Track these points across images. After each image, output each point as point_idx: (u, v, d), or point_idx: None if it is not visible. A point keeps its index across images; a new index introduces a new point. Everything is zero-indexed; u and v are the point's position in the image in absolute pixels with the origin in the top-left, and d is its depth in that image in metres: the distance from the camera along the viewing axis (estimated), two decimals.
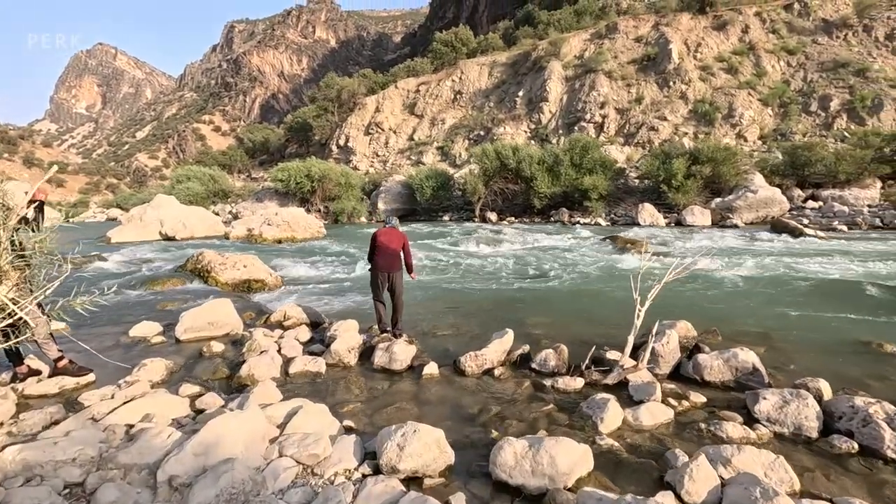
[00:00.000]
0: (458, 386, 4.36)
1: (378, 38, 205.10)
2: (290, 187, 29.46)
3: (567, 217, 26.20)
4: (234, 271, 9.94)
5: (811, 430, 3.32)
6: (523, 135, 39.00)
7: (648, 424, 3.48)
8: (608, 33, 42.62)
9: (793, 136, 30.76)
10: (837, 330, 5.98)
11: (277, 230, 19.98)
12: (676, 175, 24.34)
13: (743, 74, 35.68)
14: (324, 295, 8.95)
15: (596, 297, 8.12)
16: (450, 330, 6.25)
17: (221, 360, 4.97)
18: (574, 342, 5.53)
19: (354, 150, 45.90)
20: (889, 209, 21.01)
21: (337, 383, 4.44)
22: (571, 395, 4.10)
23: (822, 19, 38.16)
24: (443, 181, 30.37)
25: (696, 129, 33.63)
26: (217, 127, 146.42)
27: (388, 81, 52.69)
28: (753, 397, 3.64)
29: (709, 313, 6.70)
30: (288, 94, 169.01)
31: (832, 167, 24.10)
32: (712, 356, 4.35)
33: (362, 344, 5.34)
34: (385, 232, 5.86)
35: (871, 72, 32.23)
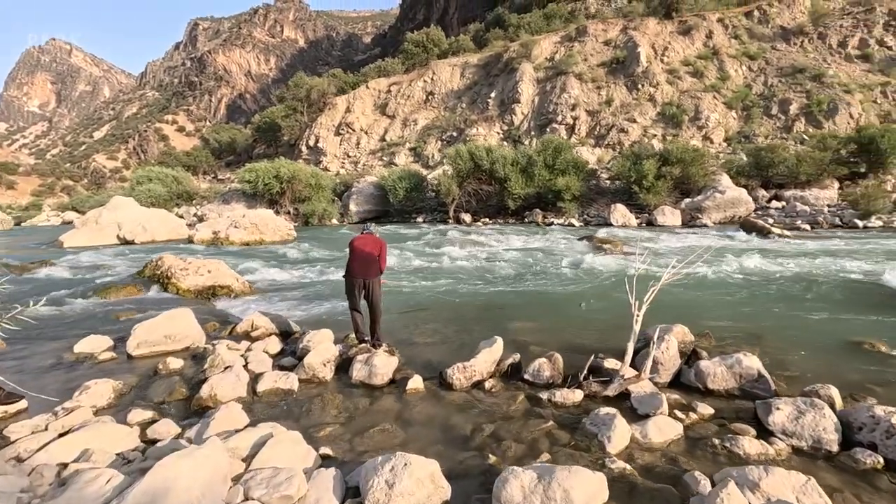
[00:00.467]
0: (447, 402, 3.98)
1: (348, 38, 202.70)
2: (259, 189, 28.45)
3: (541, 218, 26.21)
4: (198, 277, 9.28)
5: (831, 443, 3.09)
6: (496, 136, 38.95)
7: (658, 442, 3.18)
8: (578, 36, 43.07)
9: (756, 138, 31.68)
10: (826, 330, 5.88)
11: (245, 233, 19.15)
12: (647, 176, 24.66)
13: (708, 78, 36.58)
14: (295, 301, 8.42)
15: (581, 299, 7.88)
16: (432, 338, 5.86)
17: (179, 378, 4.44)
18: (565, 349, 5.23)
19: (325, 150, 44.92)
20: (847, 209, 21.74)
21: (312, 402, 3.99)
22: (571, 409, 3.77)
23: (780, 26, 39.54)
24: (416, 182, 29.93)
25: (664, 131, 34.25)
26: (181, 127, 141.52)
27: (358, 81, 51.84)
28: (765, 408, 3.40)
29: (697, 315, 6.53)
30: (255, 94, 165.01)
31: (793, 168, 24.86)
32: (715, 363, 4.11)
33: (338, 356, 4.89)
34: (362, 238, 5.54)
35: (826, 77, 33.53)
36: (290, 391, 4.21)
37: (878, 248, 12.54)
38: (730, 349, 5.24)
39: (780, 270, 9.65)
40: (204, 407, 3.85)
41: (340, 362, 4.85)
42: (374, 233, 5.68)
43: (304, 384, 4.41)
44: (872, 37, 36.30)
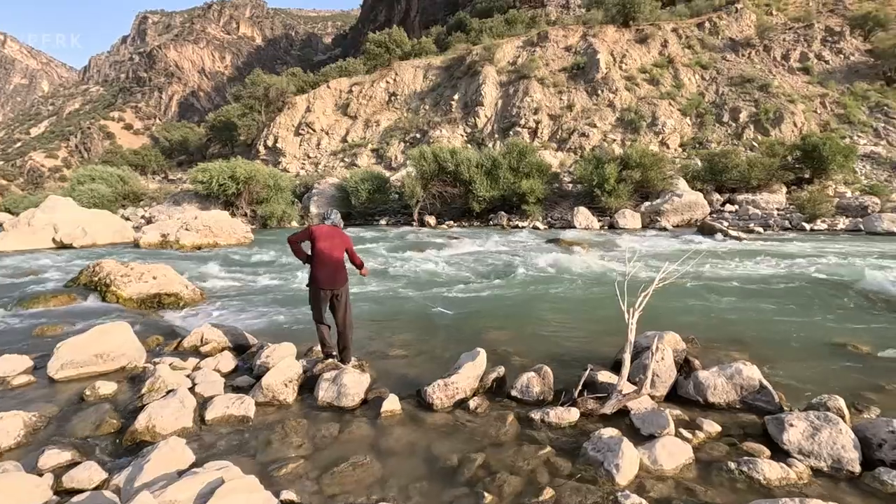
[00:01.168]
0: (428, 426, 3.52)
1: (307, 38, 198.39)
2: (213, 189, 27.02)
3: (506, 220, 26.17)
4: (141, 284, 8.42)
5: (852, 462, 2.85)
6: (460, 138, 38.77)
7: (670, 468, 2.85)
8: (539, 41, 43.55)
9: (709, 144, 32.87)
10: (808, 332, 5.81)
11: (197, 235, 17.98)
12: (609, 179, 25.02)
13: (664, 86, 37.72)
14: (252, 309, 7.74)
15: (558, 304, 7.60)
16: (406, 350, 5.38)
17: (111, 406, 3.76)
18: (551, 359, 4.88)
19: (284, 151, 43.42)
20: (795, 212, 22.73)
21: (271, 431, 3.44)
22: (567, 430, 3.39)
23: (729, 38, 41.32)
24: (379, 184, 29.27)
25: (623, 136, 35.02)
26: (128, 125, 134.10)
27: (319, 81, 50.52)
28: (777, 424, 3.14)
29: (676, 320, 6.34)
30: (210, 92, 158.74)
31: (745, 174, 25.85)
32: (714, 373, 3.85)
33: (302, 374, 4.33)
34: (326, 233, 4.71)
35: (772, 87, 35.22)
36: (245, 418, 3.63)
37: (831, 250, 12.99)
38: (718, 355, 5.05)
39: (748, 272, 9.74)
40: (139, 442, 3.23)
41: (305, 380, 4.30)
42: (338, 225, 4.95)
43: (262, 408, 3.84)
44: (812, 51, 38.48)
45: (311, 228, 4.74)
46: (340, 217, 5.10)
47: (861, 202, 22.05)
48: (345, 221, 28.56)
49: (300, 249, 4.78)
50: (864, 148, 28.90)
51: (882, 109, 32.22)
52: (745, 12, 41.76)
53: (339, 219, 5.04)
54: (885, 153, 28.67)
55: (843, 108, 32.67)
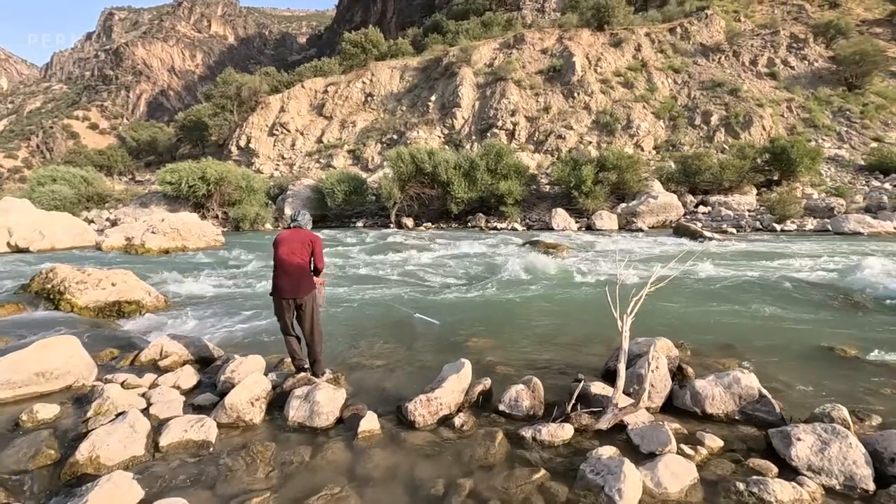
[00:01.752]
0: (410, 446, 3.21)
1: (281, 37, 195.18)
2: (182, 191, 26.10)
3: (484, 222, 26.06)
4: (98, 291, 7.85)
5: (865, 479, 2.67)
6: (437, 139, 38.53)
7: (675, 491, 2.62)
8: (516, 44, 43.70)
9: (682, 146, 33.44)
10: (795, 335, 5.73)
11: (164, 239, 17.22)
12: (586, 181, 25.16)
13: (638, 89, 38.26)
14: (219, 317, 7.29)
15: (541, 309, 7.38)
16: (385, 360, 5.05)
17: (50, 433, 3.33)
18: (538, 369, 4.65)
19: (257, 151, 42.39)
20: (765, 213, 23.23)
21: (235, 458, 3.07)
22: (561, 449, 3.13)
23: (700, 43, 42.23)
24: (355, 185, 28.78)
25: (599, 139, 35.35)
26: (94, 124, 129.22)
27: (293, 81, 49.57)
28: (783, 438, 2.95)
29: (663, 325, 6.20)
30: (180, 91, 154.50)
31: (717, 176, 26.34)
32: (710, 382, 3.66)
33: (271, 390, 3.97)
34: (287, 237, 4.38)
35: (741, 92, 36.09)
36: (205, 443, 3.25)
37: (803, 251, 13.19)
38: (708, 361, 4.90)
39: (726, 274, 9.72)
40: (81, 476, 2.83)
41: (274, 397, 3.94)
42: (304, 226, 4.57)
43: (226, 431, 3.47)
44: (778, 57, 39.63)
45: (275, 239, 4.43)
46: (309, 218, 4.70)
47: (828, 203, 22.67)
48: (321, 223, 28.06)
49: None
50: (829, 151, 29.83)
51: (844, 114, 33.36)
52: (715, 18, 42.76)
53: (306, 220, 4.64)
54: (848, 156, 29.66)
55: (809, 113, 33.70)
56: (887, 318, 6.41)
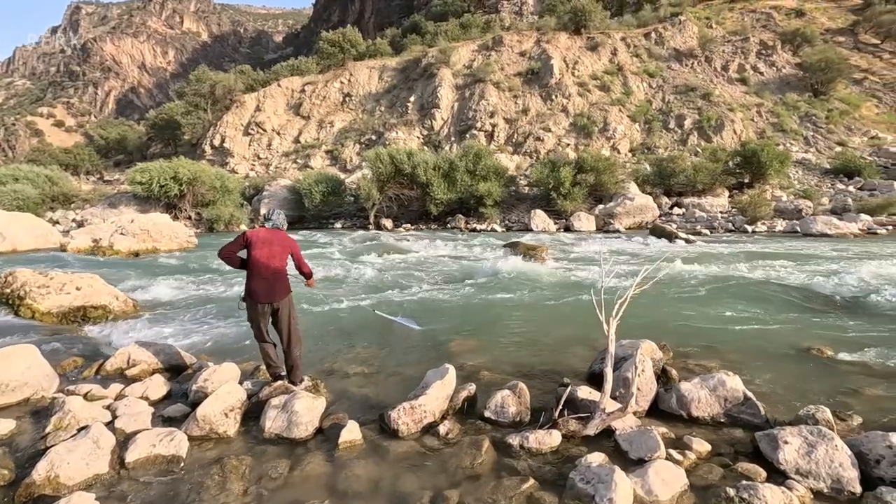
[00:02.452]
0: (394, 457, 3.09)
1: (257, 35, 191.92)
2: (153, 191, 25.30)
3: (464, 223, 26.03)
4: (62, 296, 7.48)
5: (852, 482, 2.67)
6: (416, 140, 38.37)
7: (666, 498, 2.57)
8: (494, 46, 43.87)
9: (657, 149, 34.06)
10: (770, 336, 5.80)
11: (134, 240, 16.63)
12: (564, 183, 25.39)
13: (614, 92, 38.83)
14: (193, 323, 7.02)
15: (523, 312, 7.33)
16: (364, 366, 4.91)
17: (5, 451, 3.08)
18: (522, 372, 4.58)
19: (232, 151, 41.47)
20: (737, 215, 23.81)
21: (207, 474, 2.90)
22: (549, 457, 3.06)
23: (673, 48, 43.13)
24: (334, 186, 28.41)
25: (576, 141, 35.73)
26: (59, 121, 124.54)
27: (269, 79, 48.72)
28: (770, 441, 2.94)
29: (643, 326, 6.21)
30: (151, 89, 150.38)
31: (691, 178, 26.92)
32: (696, 385, 3.64)
33: (246, 400, 3.79)
34: (264, 238, 4.11)
35: (713, 96, 36.99)
36: (175, 458, 3.07)
37: (774, 252, 13.52)
38: (690, 363, 4.91)
39: (704, 275, 9.86)
40: (38, 497, 2.63)
41: (249, 408, 3.77)
42: (280, 227, 4.33)
43: (198, 444, 3.29)
44: (748, 63, 40.75)
45: (245, 234, 4.13)
46: (284, 218, 4.47)
47: (796, 205, 23.37)
48: (297, 224, 27.60)
49: (232, 257, 4.16)
50: (797, 154, 30.78)
51: (811, 119, 34.49)
52: (688, 24, 43.72)
53: (281, 220, 4.40)
54: (815, 160, 30.67)
55: (777, 117, 34.73)
56: (859, 318, 6.57)
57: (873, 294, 7.48)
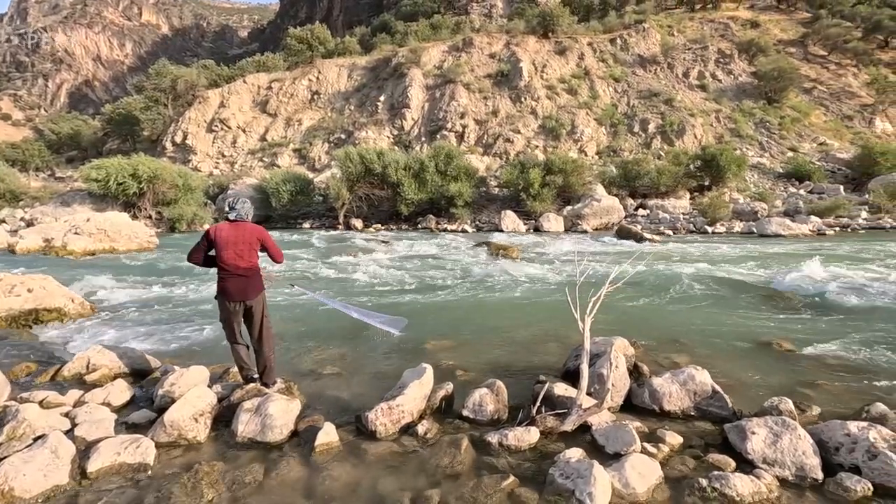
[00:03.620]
0: (372, 458, 3.05)
1: (221, 30, 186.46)
2: (110, 189, 24.18)
3: (434, 224, 26.02)
4: (11, 298, 7.05)
5: (814, 469, 2.80)
6: (386, 140, 38.12)
7: (642, 491, 2.63)
8: (465, 47, 44.09)
9: (622, 152, 34.99)
10: (734, 332, 6.03)
11: (90, 240, 15.87)
12: (533, 184, 25.74)
13: (581, 96, 39.66)
14: (156, 325, 6.74)
15: (496, 310, 7.38)
16: (339, 367, 4.83)
17: None
18: (497, 370, 4.61)
19: (195, 148, 40.12)
20: (698, 216, 24.68)
21: (177, 481, 2.78)
22: (528, 454, 3.08)
23: (638, 55, 44.40)
24: (302, 185, 27.89)
25: (545, 143, 36.30)
26: (6, 114, 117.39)
27: (234, 75, 47.40)
28: (739, 432, 3.05)
29: (614, 323, 6.35)
30: (107, 82, 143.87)
31: (655, 180, 27.77)
32: (667, 380, 3.75)
33: (217, 403, 3.67)
34: (228, 236, 3.85)
35: (675, 101, 38.28)
36: (142, 466, 2.93)
37: (734, 251, 14.08)
38: (659, 358, 5.05)
39: (669, 274, 10.17)
40: None
41: (220, 412, 3.64)
42: (245, 217, 4.02)
43: (166, 451, 3.15)
44: (707, 70, 42.36)
45: (208, 232, 3.90)
46: (250, 207, 4.14)
47: (752, 207, 24.42)
48: (264, 224, 26.89)
49: (200, 261, 3.98)
50: (753, 159, 32.22)
51: (765, 125, 36.16)
52: (651, 32, 45.09)
53: (246, 210, 4.05)
54: (769, 164, 32.18)
55: (734, 123, 36.23)
56: (812, 314, 6.92)
57: (824, 291, 7.89)
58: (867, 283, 8.31)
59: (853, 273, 9.31)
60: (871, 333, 5.79)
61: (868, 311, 6.80)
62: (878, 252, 12.68)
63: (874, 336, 5.67)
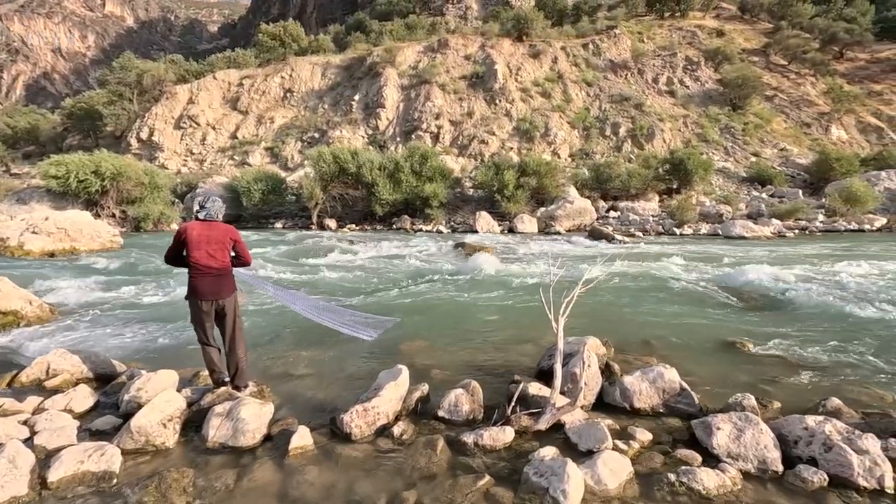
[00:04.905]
0: (347, 461, 3.03)
1: (190, 24, 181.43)
2: (71, 186, 23.22)
3: (409, 224, 25.97)
4: None
5: (775, 462, 2.92)
6: (361, 140, 37.83)
7: (614, 487, 2.70)
8: (440, 48, 44.14)
9: (594, 155, 35.66)
10: (699, 331, 6.23)
11: (49, 240, 15.21)
12: (508, 186, 25.99)
13: (555, 99, 40.22)
14: (120, 328, 6.51)
15: (471, 311, 7.42)
16: (313, 369, 4.77)
17: None
18: (472, 370, 4.64)
19: (162, 145, 38.90)
20: (667, 218, 25.37)
21: (145, 489, 2.70)
22: (503, 453, 3.12)
23: (609, 60, 45.34)
24: (274, 184, 27.43)
25: (519, 145, 36.67)
26: None
27: (204, 71, 46.17)
28: (705, 428, 3.16)
29: (586, 323, 6.47)
30: (67, 75, 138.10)
31: (626, 183, 28.42)
32: (637, 378, 3.85)
33: (186, 408, 3.58)
34: (198, 238, 3.78)
35: (645, 106, 39.25)
36: (107, 474, 2.83)
37: (700, 252, 14.55)
38: (629, 357, 5.17)
39: (639, 274, 10.43)
40: None
41: (190, 416, 3.55)
42: (216, 216, 3.95)
43: (132, 458, 3.05)
44: (676, 76, 43.58)
45: (179, 231, 3.82)
46: (221, 205, 4.05)
47: (718, 210, 25.26)
48: (235, 224, 26.22)
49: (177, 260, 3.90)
50: (718, 163, 33.30)
51: (730, 131, 37.43)
52: (623, 38, 46.10)
53: (216, 208, 3.97)
54: (733, 168, 33.33)
55: (701, 128, 37.39)
56: (772, 313, 7.21)
57: (783, 291, 8.24)
58: (822, 284, 8.72)
59: (810, 274, 9.76)
60: (825, 331, 6.08)
61: (822, 310, 7.13)
62: (833, 254, 13.32)
63: (828, 334, 5.96)
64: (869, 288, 8.35)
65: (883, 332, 6.02)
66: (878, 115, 38.95)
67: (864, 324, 6.40)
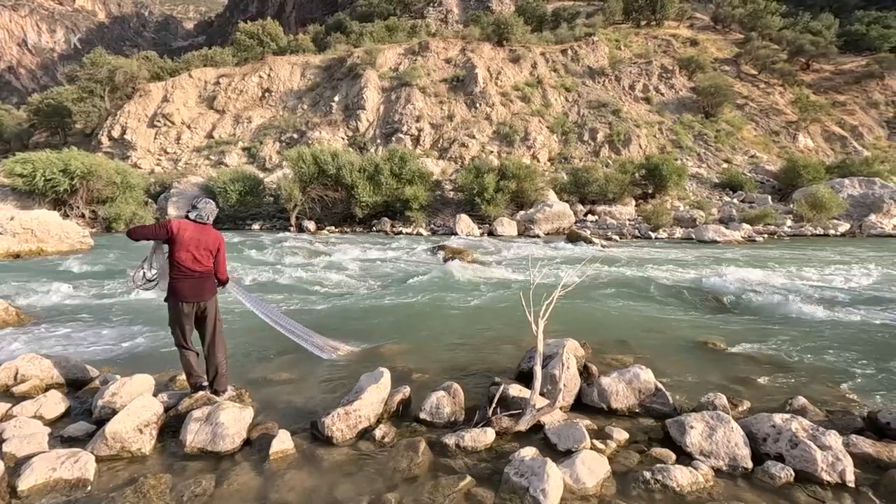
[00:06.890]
0: (329, 465, 3.02)
1: (164, 20, 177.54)
2: (37, 185, 22.45)
3: (389, 227, 25.91)
4: None
5: (744, 459, 3.04)
6: (341, 141, 37.56)
7: (592, 485, 2.76)
8: (421, 51, 44.22)
9: (573, 159, 36.18)
10: (673, 332, 6.41)
11: (14, 240, 14.68)
12: (488, 189, 26.16)
13: (534, 104, 40.68)
14: (90, 332, 6.34)
15: (451, 313, 7.46)
16: (293, 373, 4.73)
17: None
18: (453, 372, 4.67)
19: (134, 144, 37.89)
20: (642, 223, 25.90)
21: (120, 497, 2.65)
22: (484, 454, 3.16)
23: (587, 66, 46.12)
24: (251, 185, 27.01)
25: (499, 149, 36.96)
26: None
27: (179, 69, 45.22)
28: (679, 427, 3.27)
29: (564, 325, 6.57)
30: (34, 70, 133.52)
31: (603, 187, 28.93)
32: (614, 379, 3.95)
33: (163, 413, 3.51)
34: (190, 239, 3.73)
35: (622, 113, 40.03)
36: (81, 481, 2.77)
37: (675, 256, 14.91)
38: (606, 359, 5.29)
39: (615, 277, 10.62)
40: None
41: (167, 422, 3.49)
42: (207, 220, 3.92)
43: (107, 465, 2.99)
44: (651, 84, 44.57)
45: (169, 226, 3.74)
46: (213, 208, 4.03)
47: (691, 215, 25.91)
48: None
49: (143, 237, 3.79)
50: (692, 169, 34.16)
51: (703, 138, 38.45)
52: (600, 45, 46.95)
53: (209, 211, 3.95)
54: (706, 174, 34.26)
55: (675, 135, 38.31)
56: (742, 315, 7.46)
57: (753, 294, 8.52)
58: (789, 286, 9.06)
59: (777, 276, 10.12)
60: (791, 332, 6.32)
61: (788, 311, 7.41)
62: (800, 257, 13.82)
63: (794, 334, 6.20)
64: (833, 291, 8.70)
65: (845, 333, 6.29)
66: (842, 124, 40.58)
67: (828, 325, 6.68)
